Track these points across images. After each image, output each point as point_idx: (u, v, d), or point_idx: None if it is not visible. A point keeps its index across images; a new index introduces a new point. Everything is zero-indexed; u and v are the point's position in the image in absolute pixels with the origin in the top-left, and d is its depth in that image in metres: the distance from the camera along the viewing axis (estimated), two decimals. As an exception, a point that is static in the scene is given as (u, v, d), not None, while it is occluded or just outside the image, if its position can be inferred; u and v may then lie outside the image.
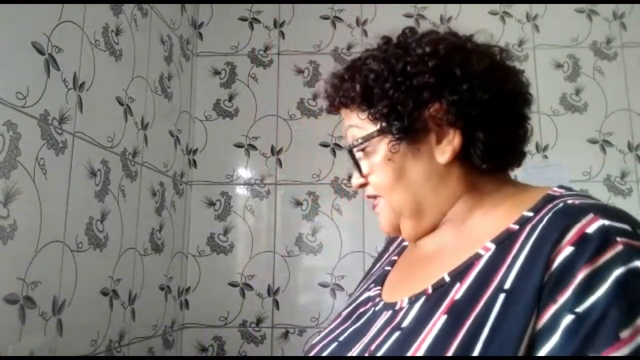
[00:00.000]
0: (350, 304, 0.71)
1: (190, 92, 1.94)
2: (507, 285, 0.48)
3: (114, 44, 1.38)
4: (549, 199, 0.55)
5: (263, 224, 1.89)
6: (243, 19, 2.04)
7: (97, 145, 1.29)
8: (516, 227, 0.53)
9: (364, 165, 0.64)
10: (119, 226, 1.38)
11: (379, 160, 0.62)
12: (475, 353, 0.44)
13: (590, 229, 0.46)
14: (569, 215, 0.49)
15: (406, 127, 0.59)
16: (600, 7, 1.95)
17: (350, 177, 0.85)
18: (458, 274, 0.54)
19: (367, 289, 0.71)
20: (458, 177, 0.61)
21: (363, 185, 0.65)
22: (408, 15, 1.99)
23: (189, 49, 1.95)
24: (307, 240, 1.86)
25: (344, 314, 0.69)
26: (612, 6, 1.95)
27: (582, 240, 0.46)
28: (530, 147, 1.87)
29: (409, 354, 0.48)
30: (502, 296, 0.47)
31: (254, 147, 1.94)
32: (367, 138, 0.62)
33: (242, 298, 1.83)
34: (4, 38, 0.99)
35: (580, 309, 0.43)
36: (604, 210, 0.49)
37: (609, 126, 1.86)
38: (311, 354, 0.65)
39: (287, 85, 1.97)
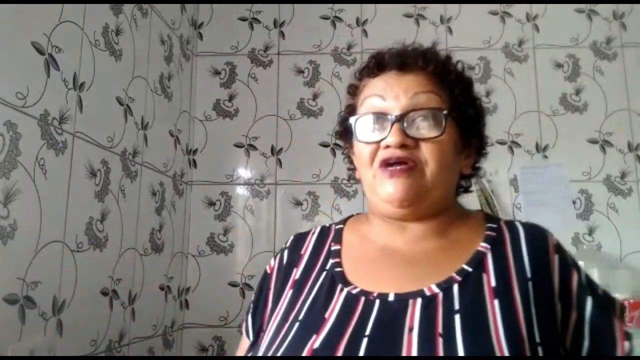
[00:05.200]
0: (324, 306, 0.67)
1: (190, 92, 1.94)
2: (529, 275, 0.65)
3: (114, 44, 1.38)
4: (492, 218, 0.75)
5: (263, 224, 1.89)
6: (243, 19, 2.04)
7: (97, 145, 1.29)
8: (493, 233, 0.70)
9: (424, 130, 0.68)
10: (119, 226, 1.38)
11: (447, 137, 0.69)
12: (535, 324, 0.60)
13: (555, 242, 0.69)
14: (538, 230, 0.71)
15: (473, 135, 0.75)
16: (600, 7, 1.95)
17: (349, 177, 0.85)
18: (476, 265, 0.66)
19: (334, 290, 0.69)
20: (455, 186, 0.76)
21: (404, 146, 0.67)
22: (408, 15, 1.99)
23: (189, 49, 1.95)
24: (307, 240, 1.86)
25: (332, 316, 0.65)
26: (612, 6, 1.95)
27: (558, 251, 0.68)
28: (530, 147, 1.88)
29: (492, 331, 0.59)
30: (530, 283, 0.64)
31: (254, 147, 1.94)
32: (454, 116, 0.70)
33: (242, 298, 1.82)
34: (4, 38, 0.99)
35: (588, 291, 0.67)
36: (546, 230, 0.72)
37: (609, 126, 1.86)
38: (339, 353, 0.60)
39: (287, 85, 1.97)
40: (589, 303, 0.66)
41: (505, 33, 1.96)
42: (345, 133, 0.78)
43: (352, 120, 0.73)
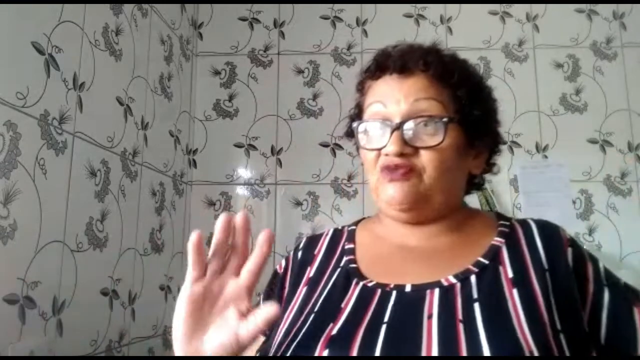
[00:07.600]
0: (340, 298, 0.67)
1: (190, 92, 1.94)
2: (546, 267, 0.66)
3: (114, 44, 1.38)
4: (504, 217, 0.76)
5: (263, 224, 1.89)
6: (243, 19, 2.04)
7: (97, 145, 1.29)
8: (507, 229, 0.72)
9: (424, 137, 0.68)
10: (119, 226, 1.38)
11: (448, 143, 0.69)
12: (556, 312, 0.61)
13: (568, 236, 0.71)
14: (551, 227, 0.72)
15: (481, 135, 0.74)
16: (600, 7, 1.95)
17: (350, 176, 0.86)
18: (492, 258, 0.67)
19: (349, 284, 0.69)
20: (463, 187, 0.77)
21: (404, 155, 0.68)
22: (408, 15, 1.99)
23: (189, 49, 1.95)
24: (307, 240, 1.86)
25: (348, 306, 0.65)
26: (612, 6, 1.95)
27: (571, 244, 0.70)
28: (530, 147, 1.88)
29: (514, 317, 0.59)
30: (547, 274, 0.65)
31: (254, 147, 1.94)
32: (453, 120, 0.69)
33: (242, 298, 1.82)
34: (4, 38, 0.99)
35: (605, 282, 0.68)
36: (558, 225, 0.74)
37: (609, 126, 1.86)
38: (357, 342, 0.59)
39: (287, 85, 1.97)
40: (606, 293, 0.66)
41: (505, 33, 1.96)
42: (352, 133, 0.77)
43: (354, 126, 0.74)
